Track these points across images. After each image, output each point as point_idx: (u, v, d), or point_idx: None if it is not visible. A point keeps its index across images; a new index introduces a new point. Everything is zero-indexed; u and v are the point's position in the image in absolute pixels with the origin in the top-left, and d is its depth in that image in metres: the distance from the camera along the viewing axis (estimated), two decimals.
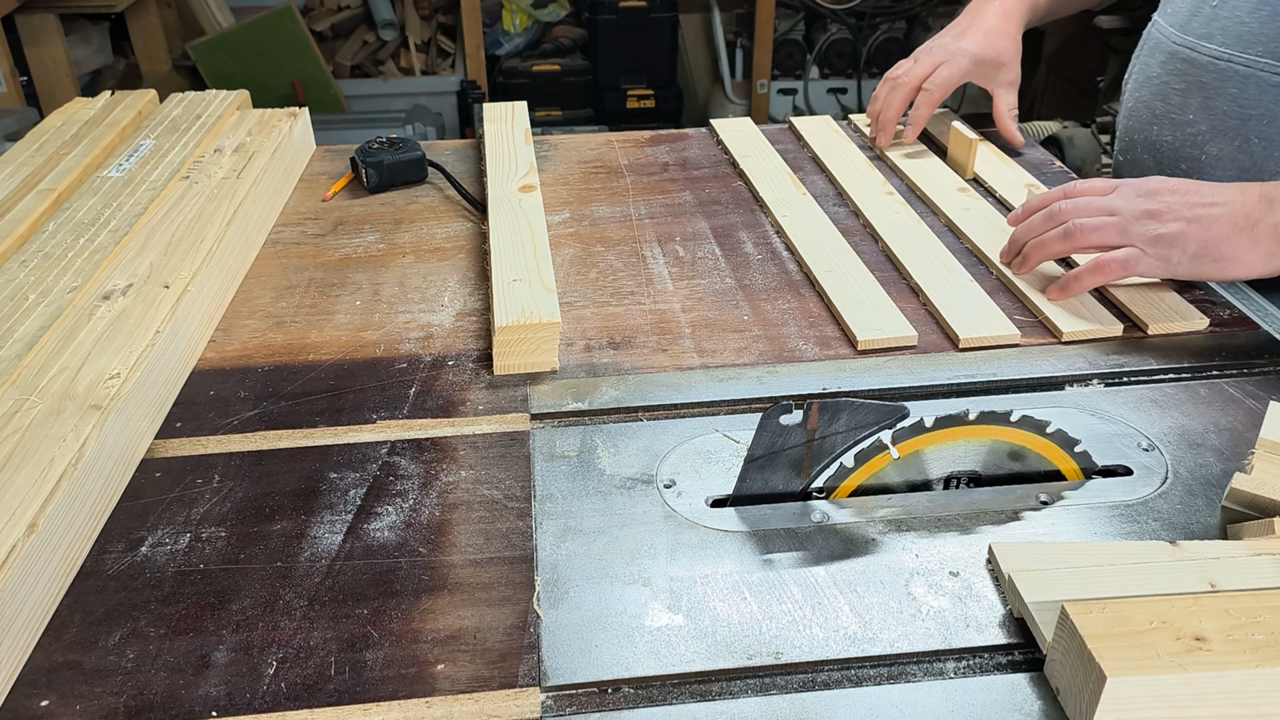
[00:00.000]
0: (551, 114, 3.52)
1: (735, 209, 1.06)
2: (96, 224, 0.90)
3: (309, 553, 0.62)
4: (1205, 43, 0.94)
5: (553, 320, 0.79)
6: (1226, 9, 0.93)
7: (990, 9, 1.13)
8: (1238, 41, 0.92)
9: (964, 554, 0.62)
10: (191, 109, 1.15)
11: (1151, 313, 0.84)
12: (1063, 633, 0.51)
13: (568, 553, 0.62)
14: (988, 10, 1.13)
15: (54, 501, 0.59)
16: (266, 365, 0.81)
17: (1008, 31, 1.12)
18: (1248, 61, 0.91)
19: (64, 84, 2.62)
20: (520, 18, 3.53)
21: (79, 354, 0.72)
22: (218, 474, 0.69)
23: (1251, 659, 0.48)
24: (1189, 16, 0.97)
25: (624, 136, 1.25)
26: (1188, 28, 0.97)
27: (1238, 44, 0.92)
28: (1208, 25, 0.95)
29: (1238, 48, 0.91)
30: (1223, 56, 0.92)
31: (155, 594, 0.60)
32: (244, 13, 3.33)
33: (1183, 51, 0.97)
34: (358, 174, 1.11)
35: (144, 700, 0.53)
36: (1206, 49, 0.94)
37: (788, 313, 0.87)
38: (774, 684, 0.54)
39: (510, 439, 0.72)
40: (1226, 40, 0.92)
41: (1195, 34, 0.96)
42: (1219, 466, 0.69)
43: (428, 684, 0.54)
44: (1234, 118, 0.94)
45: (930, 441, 0.66)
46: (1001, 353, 0.81)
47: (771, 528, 0.64)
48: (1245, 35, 0.91)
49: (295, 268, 0.95)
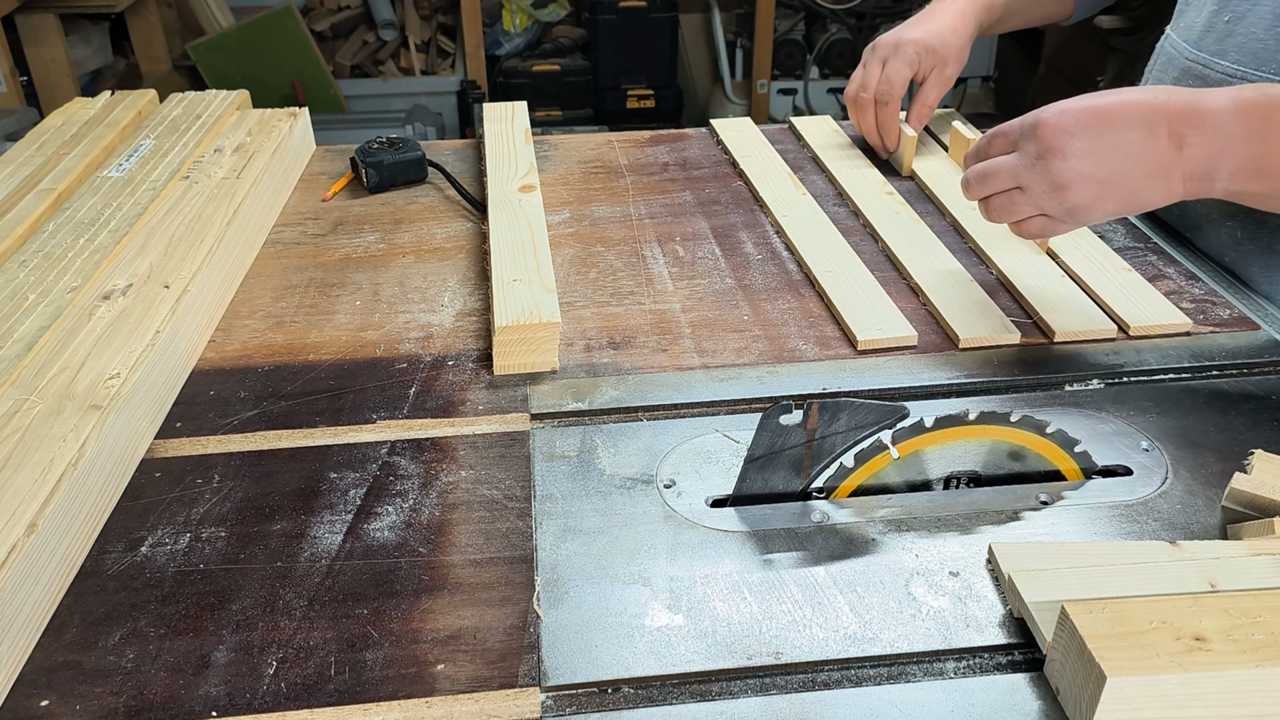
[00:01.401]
0: (551, 114, 3.52)
1: (735, 209, 1.06)
2: (96, 224, 0.90)
3: (309, 553, 0.62)
4: (1219, 59, 0.92)
5: (553, 320, 0.79)
6: (1241, 26, 0.91)
7: (946, 8, 1.14)
8: (1252, 59, 0.89)
9: (964, 554, 0.62)
10: (191, 109, 1.15)
11: (1134, 313, 0.84)
12: (1063, 633, 0.51)
13: (568, 553, 0.62)
14: (942, 9, 1.14)
15: (54, 501, 0.59)
16: (266, 365, 0.81)
17: (957, 30, 1.12)
18: (1262, 79, 0.88)
19: (64, 84, 2.62)
20: (520, 18, 3.53)
21: (79, 354, 0.72)
22: (218, 474, 0.69)
23: (1251, 659, 0.48)
24: (1202, 32, 0.95)
25: (624, 136, 1.25)
26: (1201, 44, 0.95)
27: (1252, 61, 0.89)
28: (1221, 42, 0.93)
29: (1252, 65, 0.89)
30: (1236, 74, 0.90)
31: (155, 594, 0.60)
32: (244, 13, 3.33)
33: (1195, 68, 0.95)
34: (358, 174, 1.11)
35: (144, 700, 0.53)
36: (1220, 66, 0.92)
37: (788, 313, 0.87)
38: (774, 684, 0.54)
39: (510, 439, 0.72)
40: (1241, 57, 0.90)
41: (1209, 50, 0.94)
42: (1219, 466, 0.68)
43: (428, 684, 0.54)
44: None
45: (930, 441, 0.66)
46: (1001, 353, 0.81)
47: (771, 528, 0.64)
48: (1260, 53, 0.89)
49: (295, 268, 0.95)
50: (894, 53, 1.11)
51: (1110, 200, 0.75)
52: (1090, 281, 0.88)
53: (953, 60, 1.12)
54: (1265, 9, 0.89)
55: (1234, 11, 0.92)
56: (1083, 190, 0.74)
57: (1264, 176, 0.72)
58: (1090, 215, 0.76)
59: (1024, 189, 0.77)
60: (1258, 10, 0.90)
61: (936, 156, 1.14)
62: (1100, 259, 0.91)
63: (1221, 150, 0.72)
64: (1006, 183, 0.78)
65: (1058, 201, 0.75)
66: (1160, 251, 0.96)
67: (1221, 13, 0.93)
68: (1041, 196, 0.76)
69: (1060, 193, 0.74)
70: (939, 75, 1.12)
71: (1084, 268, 0.90)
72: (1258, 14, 0.90)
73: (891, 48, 1.11)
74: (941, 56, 1.11)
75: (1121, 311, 0.84)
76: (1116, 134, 0.73)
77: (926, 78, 1.12)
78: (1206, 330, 0.84)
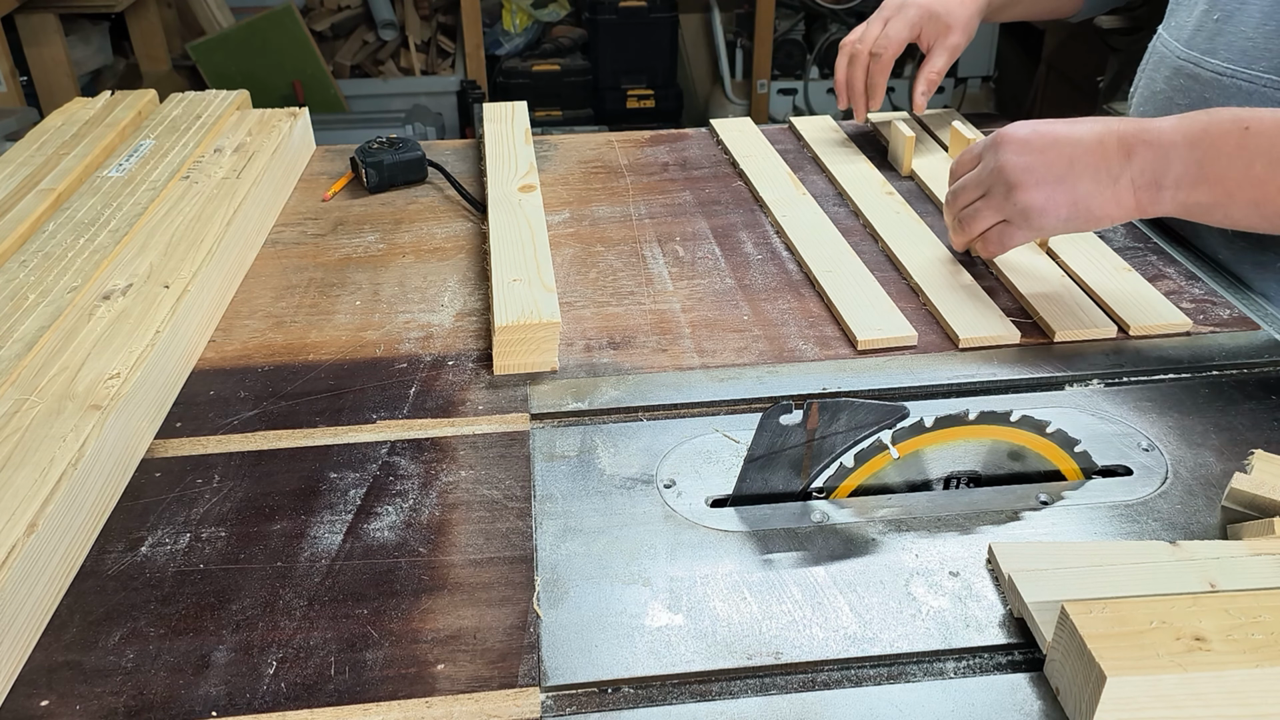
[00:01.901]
0: (551, 114, 3.52)
1: (735, 209, 1.06)
2: (96, 224, 0.90)
3: (309, 553, 0.62)
4: (1209, 58, 0.93)
5: (553, 320, 0.79)
6: (1231, 24, 0.92)
7: None
8: (1242, 57, 0.90)
9: (964, 554, 0.62)
10: (191, 109, 1.15)
11: (1134, 312, 0.84)
12: (1063, 633, 0.51)
13: (568, 553, 0.62)
14: None
15: (54, 501, 0.59)
16: (266, 365, 0.81)
17: (963, 1, 1.11)
18: (1251, 78, 0.89)
19: (64, 84, 2.62)
20: (520, 18, 3.53)
21: (79, 354, 0.72)
22: (218, 474, 0.69)
23: (1251, 659, 0.48)
24: (1193, 31, 0.96)
25: (624, 136, 1.25)
26: (1192, 43, 0.96)
27: (1242, 59, 0.90)
28: (1211, 40, 0.93)
29: (1242, 63, 0.90)
30: (1226, 72, 0.91)
31: (155, 594, 0.60)
32: (244, 13, 3.33)
33: (1187, 67, 0.95)
34: (358, 174, 1.11)
35: (144, 700, 0.53)
36: (1210, 64, 0.93)
37: (788, 313, 0.87)
38: (774, 684, 0.54)
39: (510, 439, 0.72)
40: (1231, 56, 0.91)
41: (1199, 49, 0.94)
42: (1219, 466, 0.69)
43: (428, 684, 0.54)
44: None
45: (930, 441, 0.66)
46: (1001, 353, 0.81)
47: (771, 528, 0.64)
48: (1250, 51, 0.89)
49: (295, 268, 0.95)
50: (897, 13, 1.11)
51: (1061, 204, 0.78)
52: (1090, 281, 0.88)
53: (958, 28, 1.11)
54: (1254, 7, 0.90)
55: (1223, 10, 0.93)
56: (1034, 192, 0.78)
57: (1205, 184, 0.75)
58: (1044, 218, 0.79)
59: (986, 195, 0.82)
60: (1246, 9, 0.91)
61: (936, 156, 1.14)
62: (1100, 259, 0.91)
63: (1165, 156, 0.76)
64: (974, 193, 0.83)
65: (1012, 203, 0.79)
66: (1160, 251, 0.96)
67: (1211, 11, 0.94)
68: (999, 198, 0.81)
69: (1013, 192, 0.79)
70: (944, 43, 1.11)
71: (1084, 268, 0.90)
72: (1246, 12, 0.90)
73: (896, 8, 1.12)
74: (945, 24, 1.11)
75: (1121, 311, 0.84)
76: (1068, 144, 0.78)
77: (932, 45, 1.12)
78: (1206, 330, 0.84)
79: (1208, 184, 0.75)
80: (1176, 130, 0.76)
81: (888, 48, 1.11)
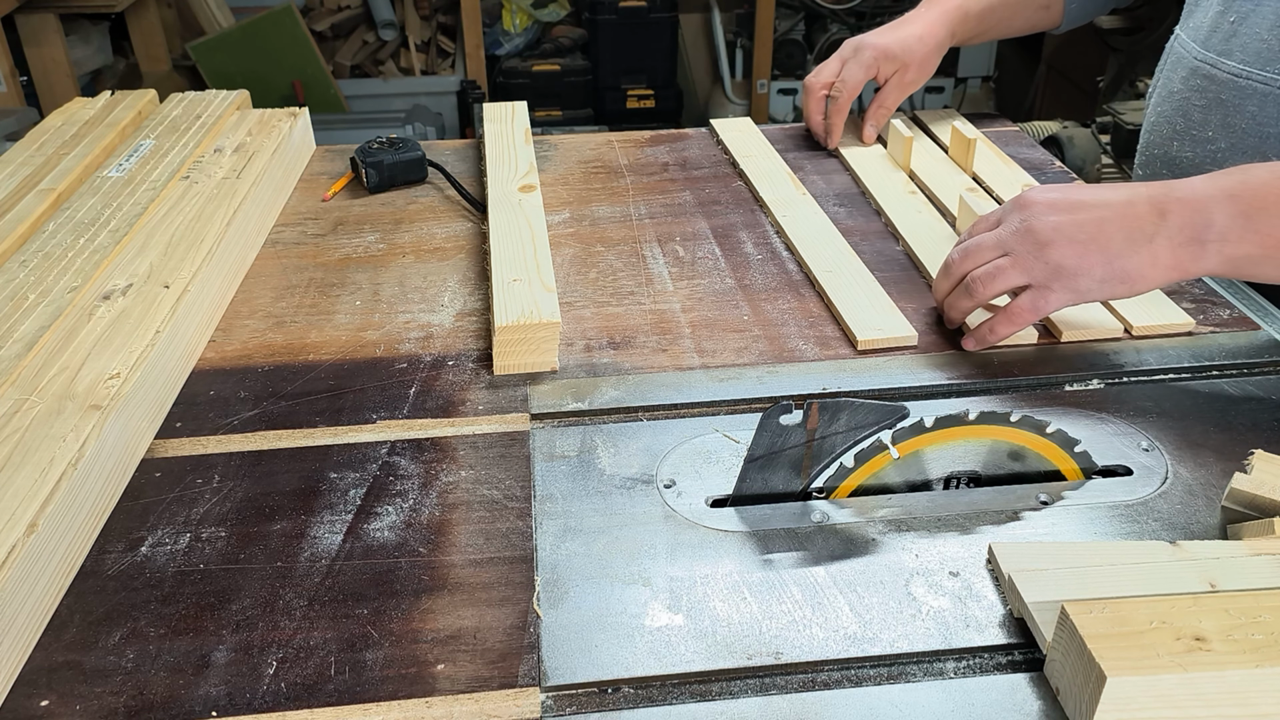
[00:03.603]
0: (551, 114, 3.52)
1: (735, 209, 1.06)
2: (96, 224, 0.90)
3: (309, 553, 0.62)
4: (1225, 59, 0.93)
5: (553, 320, 0.79)
6: (1246, 26, 0.92)
7: (919, 16, 1.16)
8: (1257, 59, 0.91)
9: (964, 554, 0.62)
10: (191, 109, 1.15)
11: (1135, 312, 0.84)
12: (1063, 633, 0.51)
13: (568, 553, 0.62)
14: (915, 17, 1.17)
15: (54, 501, 0.59)
16: (266, 365, 0.81)
17: (923, 38, 1.14)
18: (1266, 79, 0.90)
19: (64, 84, 2.62)
20: (520, 18, 3.53)
21: (79, 354, 0.72)
22: (218, 474, 0.69)
23: (1251, 659, 0.48)
24: (1209, 32, 0.96)
25: (624, 136, 1.25)
26: (1208, 44, 0.96)
27: (1257, 61, 0.91)
28: (1227, 42, 0.94)
29: (1256, 65, 0.90)
30: (1241, 74, 0.91)
31: (155, 594, 0.60)
32: (244, 13, 3.33)
33: (1203, 68, 0.96)
34: (358, 174, 1.11)
35: (144, 700, 0.53)
36: (1226, 65, 0.93)
37: (788, 313, 0.87)
38: (774, 684, 0.54)
39: (510, 439, 0.72)
40: (1246, 57, 0.91)
41: (1215, 50, 0.95)
42: (1219, 466, 0.69)
43: (428, 684, 0.54)
44: (1253, 136, 0.92)
45: (930, 441, 0.66)
46: (1001, 353, 0.81)
47: (771, 528, 0.64)
48: (1265, 53, 0.90)
49: (295, 268, 0.95)
50: (853, 55, 1.15)
51: (1095, 263, 0.74)
52: None
53: (914, 66, 1.14)
54: (1268, 9, 0.90)
55: (1238, 12, 0.93)
56: (1068, 249, 0.74)
57: (1255, 235, 0.72)
58: (1077, 281, 0.74)
59: (1010, 254, 0.76)
60: (1261, 10, 0.91)
61: (936, 156, 1.14)
62: None
63: (1204, 211, 0.72)
64: (991, 253, 0.78)
65: (1043, 262, 0.75)
66: None
67: (1227, 13, 0.94)
68: (1027, 258, 0.75)
69: (1045, 250, 0.74)
70: (899, 80, 1.15)
71: None
72: (1261, 14, 0.91)
73: (852, 50, 1.15)
74: (903, 62, 1.14)
75: (1123, 311, 0.84)
76: (1097, 206, 0.75)
77: (887, 81, 1.15)
78: (1207, 330, 0.84)
79: (1258, 236, 0.71)
80: (1211, 185, 0.73)
81: (843, 91, 1.14)
